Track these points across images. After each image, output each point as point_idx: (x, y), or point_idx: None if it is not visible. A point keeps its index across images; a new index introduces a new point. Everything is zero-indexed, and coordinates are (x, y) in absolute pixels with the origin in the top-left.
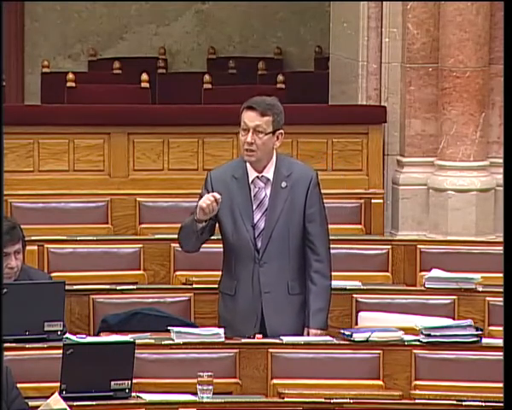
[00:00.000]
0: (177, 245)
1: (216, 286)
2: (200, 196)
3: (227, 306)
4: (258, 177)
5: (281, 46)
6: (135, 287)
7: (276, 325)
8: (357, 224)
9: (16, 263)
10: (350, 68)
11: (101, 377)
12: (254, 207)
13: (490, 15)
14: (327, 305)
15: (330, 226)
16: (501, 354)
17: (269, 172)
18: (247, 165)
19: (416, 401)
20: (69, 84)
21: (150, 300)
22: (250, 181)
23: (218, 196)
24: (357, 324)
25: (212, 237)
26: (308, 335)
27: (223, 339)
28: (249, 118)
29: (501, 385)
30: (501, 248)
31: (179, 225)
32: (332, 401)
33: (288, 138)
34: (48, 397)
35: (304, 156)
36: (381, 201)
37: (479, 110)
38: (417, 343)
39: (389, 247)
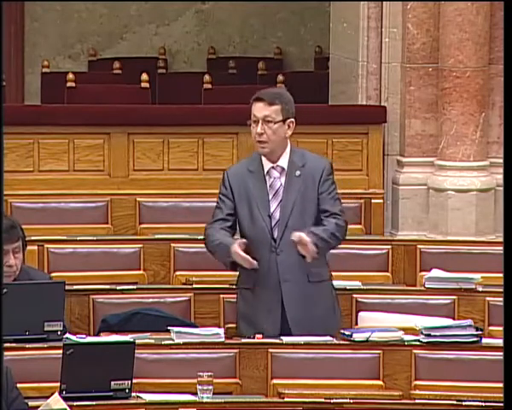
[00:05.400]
0: (177, 245)
1: (216, 286)
2: (220, 193)
3: (247, 301)
4: (272, 167)
5: (281, 46)
6: (135, 287)
7: (298, 313)
8: (357, 224)
9: (15, 262)
10: (350, 68)
11: (101, 377)
12: (270, 197)
13: (490, 15)
14: (324, 238)
15: None
16: (501, 354)
17: (283, 162)
18: (262, 157)
19: (416, 401)
20: (69, 84)
21: (150, 300)
22: (265, 172)
23: (254, 263)
24: (357, 324)
25: None
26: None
27: (223, 339)
28: (258, 109)
29: (501, 385)
30: (501, 248)
31: (204, 231)
32: (332, 401)
33: None
34: (48, 397)
35: None
36: (381, 201)
37: (479, 110)
38: (417, 343)
39: (389, 247)
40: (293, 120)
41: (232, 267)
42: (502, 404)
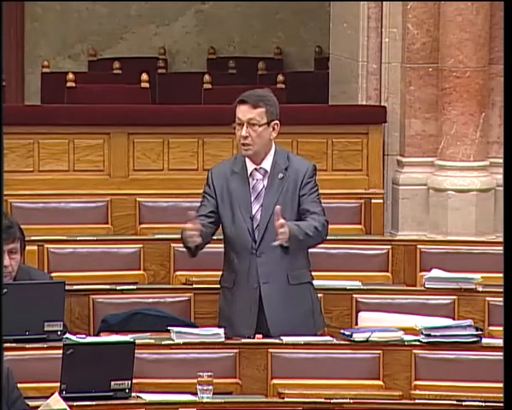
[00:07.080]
0: (177, 245)
1: (216, 286)
2: (204, 191)
3: (226, 299)
4: (256, 169)
5: (281, 46)
6: (135, 287)
7: (277, 315)
8: (357, 224)
9: (10, 262)
10: (350, 68)
11: (101, 377)
12: (252, 199)
13: (490, 15)
14: (306, 232)
15: (330, 226)
16: (501, 354)
17: (267, 164)
18: (246, 159)
19: (416, 401)
20: (69, 84)
21: (150, 300)
22: (249, 174)
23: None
24: (357, 324)
25: (213, 237)
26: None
27: (223, 339)
28: (242, 112)
29: (501, 385)
30: (501, 248)
31: (181, 228)
32: (332, 401)
33: (288, 138)
34: (48, 397)
35: (304, 156)
36: (381, 201)
37: (479, 110)
38: (417, 343)
39: (389, 247)
40: (277, 122)
41: (193, 253)
42: (502, 404)
